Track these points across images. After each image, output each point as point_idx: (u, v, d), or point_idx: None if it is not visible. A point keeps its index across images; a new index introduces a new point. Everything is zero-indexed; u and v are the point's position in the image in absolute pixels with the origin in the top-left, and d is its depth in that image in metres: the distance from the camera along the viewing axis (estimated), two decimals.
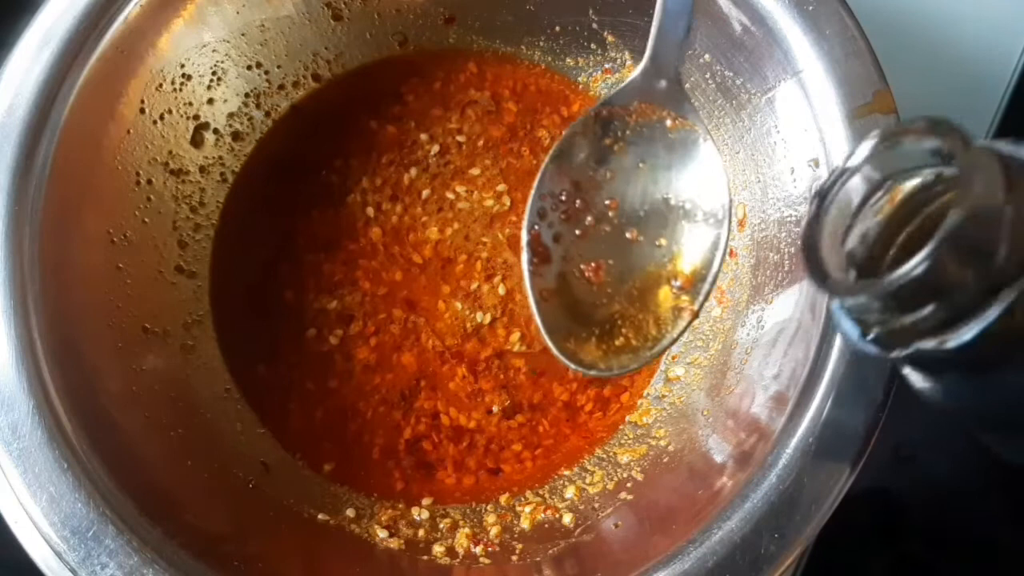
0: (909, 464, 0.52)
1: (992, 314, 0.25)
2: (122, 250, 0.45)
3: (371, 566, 0.44)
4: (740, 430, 0.42)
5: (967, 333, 0.25)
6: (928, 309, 0.26)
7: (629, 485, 0.45)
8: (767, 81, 0.43)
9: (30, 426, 0.37)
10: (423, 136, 0.53)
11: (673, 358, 0.49)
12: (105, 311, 0.44)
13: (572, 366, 0.40)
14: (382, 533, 0.45)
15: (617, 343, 0.40)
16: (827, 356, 0.37)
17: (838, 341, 0.37)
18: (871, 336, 0.28)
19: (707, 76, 0.46)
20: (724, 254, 0.41)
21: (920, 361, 0.28)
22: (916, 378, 0.30)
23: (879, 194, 0.29)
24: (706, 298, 0.41)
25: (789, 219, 0.43)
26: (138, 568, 0.36)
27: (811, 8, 0.40)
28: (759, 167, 0.45)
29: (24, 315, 0.39)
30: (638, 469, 0.46)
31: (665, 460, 0.45)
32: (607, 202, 0.42)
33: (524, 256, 0.41)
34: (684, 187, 0.41)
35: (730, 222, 0.40)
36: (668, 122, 0.41)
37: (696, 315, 0.40)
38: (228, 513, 0.43)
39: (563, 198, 0.41)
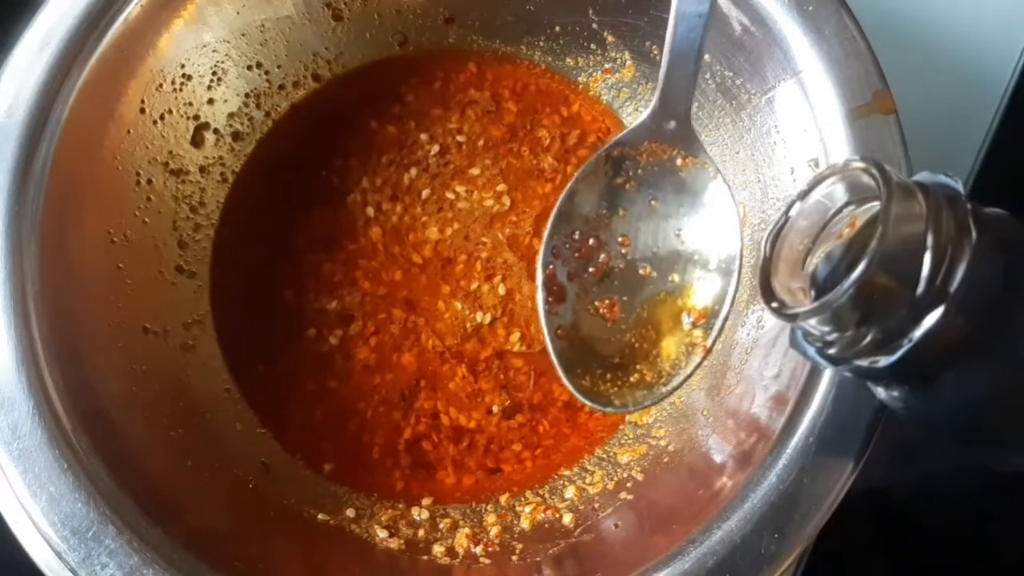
0: (909, 464, 0.52)
1: (916, 336, 0.27)
2: (122, 250, 0.45)
3: (371, 566, 0.44)
4: (740, 430, 0.42)
5: (894, 354, 0.27)
6: (864, 330, 0.28)
7: (629, 485, 0.45)
8: (767, 81, 0.43)
9: (30, 426, 0.37)
10: (423, 136, 0.53)
11: None
12: (105, 311, 0.44)
13: (588, 403, 0.40)
14: (382, 533, 0.45)
15: (632, 379, 0.41)
16: None
17: None
18: (818, 352, 0.30)
19: (707, 76, 0.46)
20: (737, 289, 0.41)
21: (874, 376, 0.30)
22: (877, 392, 0.32)
23: (837, 219, 0.31)
24: (719, 334, 0.41)
25: None
26: (138, 568, 0.36)
27: (811, 8, 0.40)
28: (759, 167, 0.45)
29: (24, 315, 0.39)
30: (638, 469, 0.46)
31: (665, 460, 0.45)
32: (620, 239, 0.42)
33: (539, 295, 0.41)
34: (696, 223, 0.42)
35: (741, 258, 0.41)
36: (679, 160, 0.41)
37: (709, 351, 0.40)
38: (228, 513, 0.43)
39: (576, 236, 0.42)
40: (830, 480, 0.36)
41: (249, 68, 0.50)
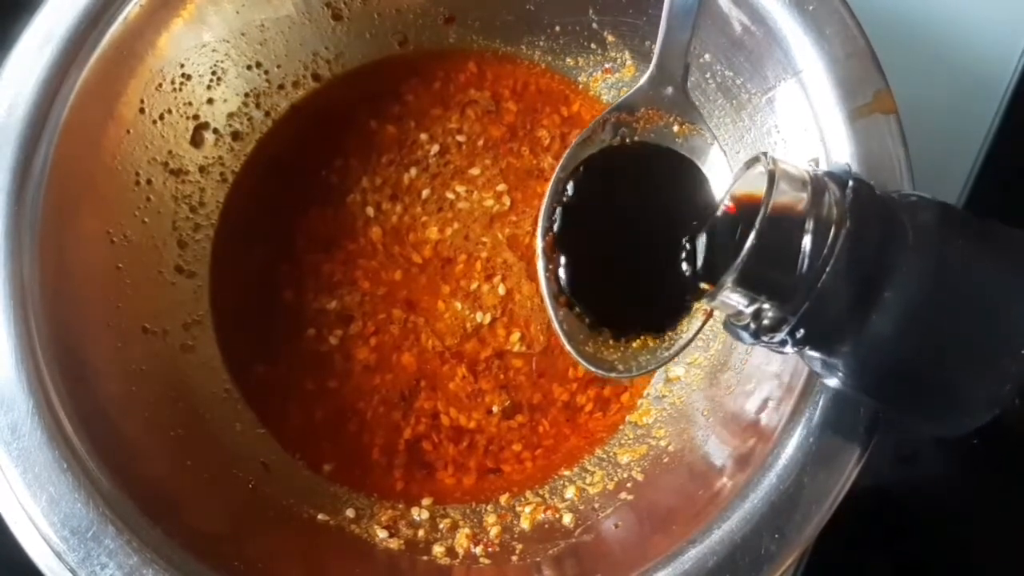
0: (909, 464, 0.52)
1: (800, 312, 0.30)
2: (122, 250, 0.45)
3: (371, 566, 0.44)
4: (740, 430, 0.42)
5: (786, 329, 0.30)
6: (761, 309, 0.31)
7: (629, 485, 0.45)
8: (767, 81, 0.43)
9: (30, 426, 0.37)
10: (423, 136, 0.53)
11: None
12: (105, 311, 0.44)
13: (593, 369, 0.40)
14: (382, 533, 0.45)
15: (634, 345, 0.41)
16: None
17: None
18: (738, 329, 0.33)
19: (707, 76, 0.46)
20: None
21: (781, 348, 0.32)
22: (808, 362, 0.34)
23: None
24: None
25: None
26: (138, 568, 0.36)
27: (811, 8, 0.40)
28: None
29: (24, 315, 0.39)
30: (638, 469, 0.46)
31: (665, 460, 0.45)
32: (620, 207, 0.42)
33: (540, 264, 0.41)
34: (694, 190, 0.41)
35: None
36: (676, 127, 0.41)
37: (711, 315, 0.40)
38: (228, 513, 0.43)
39: (575, 205, 0.41)
40: (830, 480, 0.36)
41: (249, 68, 0.50)
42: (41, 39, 0.41)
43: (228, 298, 0.50)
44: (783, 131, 0.43)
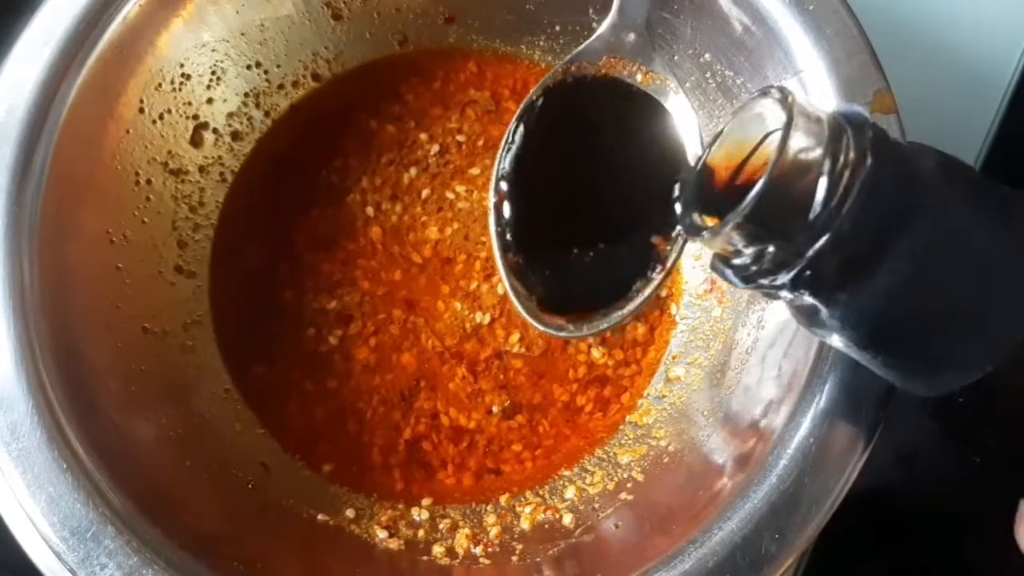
0: (909, 464, 0.52)
1: (808, 256, 0.28)
2: (121, 250, 0.45)
3: (371, 566, 0.44)
4: (741, 430, 0.42)
5: (789, 273, 0.29)
6: (764, 249, 0.30)
7: (629, 485, 0.45)
8: (767, 81, 0.43)
9: (29, 426, 0.37)
10: (423, 136, 0.53)
11: (673, 358, 0.49)
12: (104, 311, 0.44)
13: (542, 328, 0.39)
14: (382, 533, 0.45)
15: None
16: (827, 356, 0.37)
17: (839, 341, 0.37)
18: (731, 271, 0.32)
19: (707, 76, 0.46)
20: None
21: (776, 294, 0.31)
22: (795, 311, 0.33)
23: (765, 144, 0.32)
24: (679, 256, 0.39)
25: None
26: (137, 568, 0.36)
27: (811, 8, 0.40)
28: None
29: (23, 315, 0.39)
30: (638, 469, 0.46)
31: (665, 460, 0.45)
32: (578, 160, 0.40)
33: (491, 219, 0.39)
34: (658, 140, 0.40)
35: None
36: (639, 76, 0.40)
37: (668, 274, 0.39)
38: (228, 513, 0.43)
39: (530, 159, 0.40)
40: (830, 480, 0.36)
41: (248, 67, 0.50)
42: (40, 39, 0.41)
43: (228, 298, 0.50)
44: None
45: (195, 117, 0.49)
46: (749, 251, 0.31)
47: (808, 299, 0.31)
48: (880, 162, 0.28)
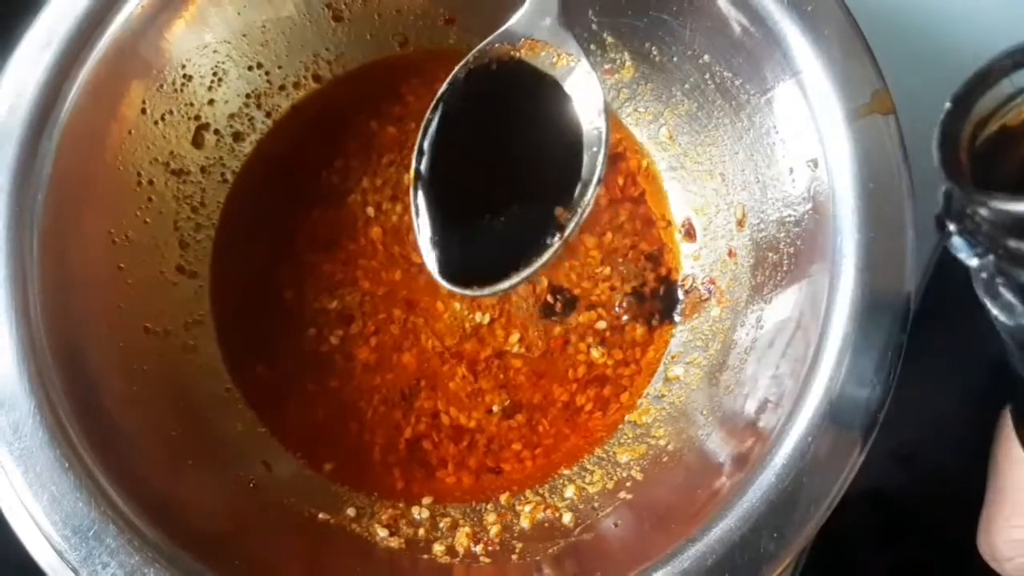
0: (909, 464, 0.52)
1: None
2: (123, 250, 0.45)
3: (371, 565, 0.44)
4: (739, 430, 0.42)
5: None
6: None
7: (628, 484, 0.45)
8: (766, 81, 0.43)
9: (31, 426, 0.37)
10: None
11: (672, 358, 0.49)
12: (106, 311, 0.44)
13: (448, 286, 0.42)
14: (382, 532, 0.45)
15: None
16: (826, 355, 0.37)
17: (837, 340, 0.37)
18: (966, 238, 0.28)
19: (706, 76, 0.46)
20: (601, 172, 0.42)
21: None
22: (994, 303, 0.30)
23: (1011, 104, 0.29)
24: (581, 217, 0.42)
25: (788, 219, 0.43)
26: (139, 567, 0.36)
27: (810, 8, 0.40)
28: (758, 167, 0.45)
29: (25, 315, 0.39)
30: (637, 468, 0.46)
31: (664, 459, 0.45)
32: (493, 135, 0.43)
33: (411, 191, 0.43)
34: (568, 114, 0.43)
35: (606, 147, 0.42)
36: (555, 58, 0.42)
37: (566, 241, 0.42)
38: (229, 512, 0.43)
39: (449, 133, 0.43)
40: (829, 480, 0.36)
41: (250, 68, 0.50)
42: (43, 40, 0.41)
43: (229, 298, 0.50)
44: (782, 131, 0.43)
45: (197, 118, 0.49)
46: (1006, 236, 0.27)
47: None
48: None
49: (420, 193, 0.43)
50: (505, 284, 0.42)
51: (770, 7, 0.41)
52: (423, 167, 0.43)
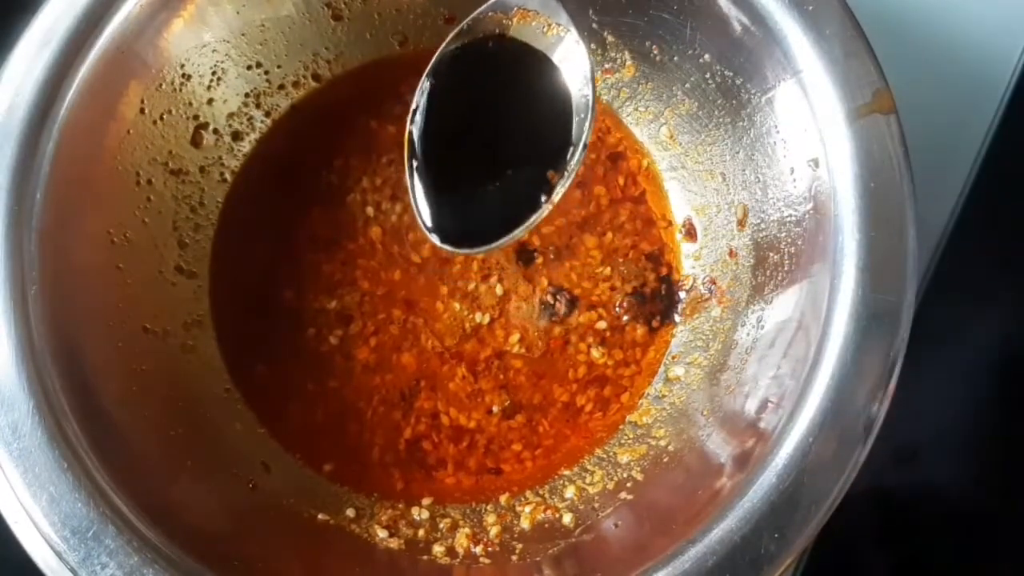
0: (909, 464, 0.52)
1: None
2: (122, 250, 0.45)
3: (371, 566, 0.44)
4: (740, 430, 0.42)
5: None
6: None
7: (629, 485, 0.45)
8: (767, 81, 0.43)
9: (30, 426, 0.37)
10: None
11: (673, 358, 0.49)
12: (105, 311, 0.44)
13: (440, 244, 0.42)
14: (382, 533, 0.45)
15: None
16: (827, 356, 0.37)
17: (838, 340, 0.37)
18: None
19: (707, 76, 0.46)
20: (587, 135, 0.42)
21: None
22: None
23: None
24: (570, 179, 0.42)
25: (789, 219, 0.43)
26: (138, 568, 0.36)
27: (811, 8, 0.40)
28: (759, 167, 0.45)
29: (24, 315, 0.39)
30: (638, 469, 0.46)
31: (665, 460, 0.45)
32: (487, 103, 0.44)
33: (407, 152, 0.43)
34: (558, 83, 0.43)
35: (593, 112, 0.42)
36: (545, 28, 0.43)
37: (552, 201, 0.42)
38: (228, 513, 0.43)
39: (442, 100, 0.44)
40: (830, 480, 0.36)
41: (249, 68, 0.50)
42: (41, 39, 0.41)
43: (228, 298, 0.50)
44: (783, 131, 0.43)
45: (196, 117, 0.49)
46: None
47: None
48: None
49: (415, 153, 0.43)
50: (496, 244, 0.42)
51: (771, 6, 0.41)
52: (415, 129, 0.43)
